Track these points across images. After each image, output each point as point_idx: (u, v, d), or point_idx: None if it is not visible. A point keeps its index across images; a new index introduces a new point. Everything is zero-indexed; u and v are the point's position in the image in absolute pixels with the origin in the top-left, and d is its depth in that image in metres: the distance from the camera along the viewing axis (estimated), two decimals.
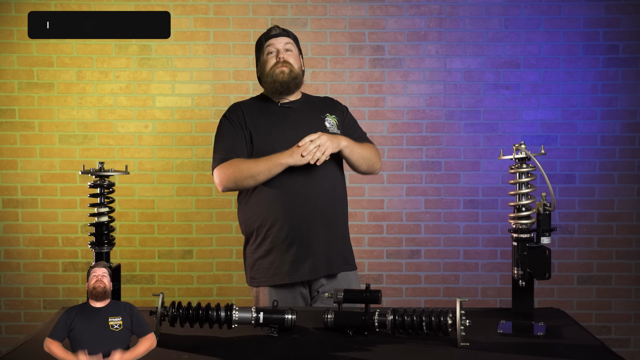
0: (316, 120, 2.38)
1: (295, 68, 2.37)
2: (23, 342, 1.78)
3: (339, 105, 2.54)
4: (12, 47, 3.51)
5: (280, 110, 2.40)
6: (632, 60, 3.55)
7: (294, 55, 2.41)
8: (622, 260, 3.58)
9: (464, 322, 1.69)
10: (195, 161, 3.57)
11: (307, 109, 2.42)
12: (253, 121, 2.35)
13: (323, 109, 2.44)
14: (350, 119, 2.52)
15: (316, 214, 2.28)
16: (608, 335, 3.55)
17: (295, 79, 2.36)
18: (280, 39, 2.40)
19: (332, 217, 2.33)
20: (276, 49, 2.38)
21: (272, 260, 2.29)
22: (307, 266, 2.28)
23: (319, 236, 2.29)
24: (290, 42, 2.42)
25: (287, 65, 2.35)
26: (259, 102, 2.45)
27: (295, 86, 2.39)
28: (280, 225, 2.27)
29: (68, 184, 3.55)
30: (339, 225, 2.37)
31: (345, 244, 2.41)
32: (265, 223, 2.29)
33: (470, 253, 3.59)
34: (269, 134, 2.33)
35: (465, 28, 3.57)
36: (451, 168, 3.58)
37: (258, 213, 2.31)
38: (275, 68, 2.35)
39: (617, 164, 3.56)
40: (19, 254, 3.56)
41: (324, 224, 2.30)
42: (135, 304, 1.60)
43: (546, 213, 1.83)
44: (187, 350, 1.69)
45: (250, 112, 2.38)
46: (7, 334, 3.55)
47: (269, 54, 2.39)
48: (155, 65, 3.55)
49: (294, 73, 2.36)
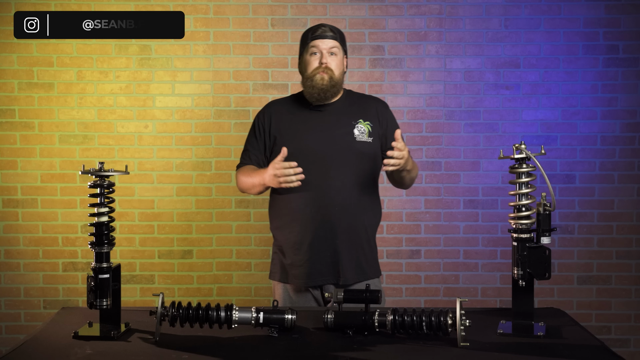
0: (344, 127, 2.32)
1: (335, 75, 2.30)
2: (23, 342, 1.79)
3: (381, 110, 2.42)
4: (12, 47, 3.51)
5: (311, 113, 2.36)
6: (632, 60, 3.55)
7: (337, 60, 2.32)
8: (622, 260, 3.58)
9: (464, 322, 1.69)
10: (195, 161, 3.57)
11: (339, 113, 2.35)
12: (279, 125, 2.35)
13: (356, 114, 2.36)
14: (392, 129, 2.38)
15: (334, 221, 2.27)
16: (608, 335, 3.55)
17: (334, 86, 2.30)
18: (326, 41, 2.30)
19: (352, 227, 2.30)
20: (320, 51, 2.30)
21: (287, 259, 2.33)
22: (316, 272, 2.28)
23: (334, 243, 2.27)
24: (336, 45, 2.32)
25: (328, 72, 2.28)
26: (294, 102, 2.41)
27: (332, 94, 2.32)
28: (295, 227, 2.29)
29: (68, 184, 3.55)
30: (359, 235, 2.32)
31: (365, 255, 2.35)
32: (284, 223, 2.32)
33: (470, 253, 3.59)
34: (292, 137, 2.31)
35: (465, 28, 3.57)
36: (451, 168, 3.58)
37: (279, 212, 2.35)
38: (316, 72, 2.29)
39: (617, 164, 3.56)
40: (19, 254, 3.56)
41: (342, 232, 2.28)
42: (135, 304, 1.60)
43: (546, 213, 1.83)
44: (187, 350, 1.69)
45: (278, 115, 2.38)
46: (7, 334, 3.55)
47: (312, 54, 2.31)
48: (155, 65, 3.55)
49: (334, 80, 2.29)
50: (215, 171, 3.57)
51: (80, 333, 1.81)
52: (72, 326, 1.87)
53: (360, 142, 2.32)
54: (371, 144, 2.35)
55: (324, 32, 2.31)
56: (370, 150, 2.35)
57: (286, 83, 3.56)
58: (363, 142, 2.32)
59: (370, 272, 2.36)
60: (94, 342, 1.77)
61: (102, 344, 1.76)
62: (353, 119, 2.35)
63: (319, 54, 2.31)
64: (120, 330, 1.84)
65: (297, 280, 2.30)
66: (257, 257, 3.58)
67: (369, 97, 2.52)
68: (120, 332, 1.83)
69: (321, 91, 2.29)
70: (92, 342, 1.77)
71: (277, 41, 3.56)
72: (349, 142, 2.31)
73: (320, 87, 2.28)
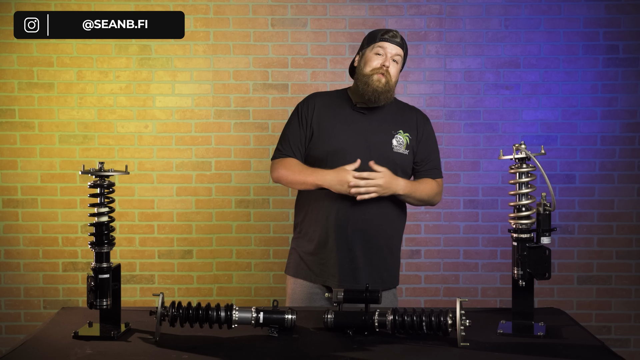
0: (384, 135, 2.30)
1: (392, 81, 2.28)
2: (23, 342, 1.78)
3: (422, 123, 2.39)
4: (12, 47, 3.51)
5: (352, 114, 2.33)
6: (632, 60, 3.55)
7: (397, 69, 2.30)
8: (622, 260, 3.58)
9: (464, 322, 1.69)
10: (195, 161, 3.57)
11: (380, 120, 2.33)
12: (320, 119, 2.32)
13: (397, 124, 2.33)
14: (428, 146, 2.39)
15: (358, 226, 2.26)
16: (608, 335, 3.55)
17: (388, 92, 2.27)
18: (393, 46, 2.28)
19: (375, 233, 2.29)
20: (385, 53, 2.27)
21: (305, 256, 2.33)
22: (330, 273, 2.28)
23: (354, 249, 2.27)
24: (401, 54, 2.30)
25: (387, 76, 2.26)
26: (338, 98, 2.38)
27: (385, 99, 2.28)
28: (319, 226, 2.29)
29: (68, 184, 3.55)
30: (381, 241, 2.31)
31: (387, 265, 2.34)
32: (306, 219, 2.34)
33: (470, 253, 3.59)
34: (330, 134, 2.29)
35: (465, 28, 3.57)
36: (451, 168, 3.58)
37: (306, 208, 2.35)
38: (375, 72, 2.26)
39: (617, 164, 3.56)
40: (19, 254, 3.56)
41: (361, 239, 2.27)
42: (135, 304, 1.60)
43: (546, 213, 1.83)
44: (187, 350, 1.69)
45: (321, 109, 2.34)
46: (7, 334, 3.55)
47: (376, 54, 2.28)
48: (155, 65, 3.55)
49: (389, 86, 2.27)
50: (215, 171, 3.57)
51: (80, 333, 1.81)
52: (72, 326, 1.87)
53: (397, 153, 2.30)
54: (407, 157, 2.33)
55: (394, 36, 2.29)
56: (405, 162, 2.33)
57: (286, 83, 3.56)
58: (399, 153, 2.31)
59: (388, 282, 2.36)
60: (94, 342, 1.77)
61: (102, 344, 1.76)
62: (394, 128, 2.33)
63: (384, 56, 2.28)
64: (120, 330, 1.84)
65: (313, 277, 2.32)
66: (257, 257, 3.58)
67: (413, 108, 2.46)
68: (120, 332, 1.83)
69: (375, 92, 2.25)
70: (92, 342, 1.77)
71: (277, 41, 3.56)
72: (385, 151, 2.29)
73: (376, 87, 2.25)
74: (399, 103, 2.44)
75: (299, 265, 2.36)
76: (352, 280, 2.27)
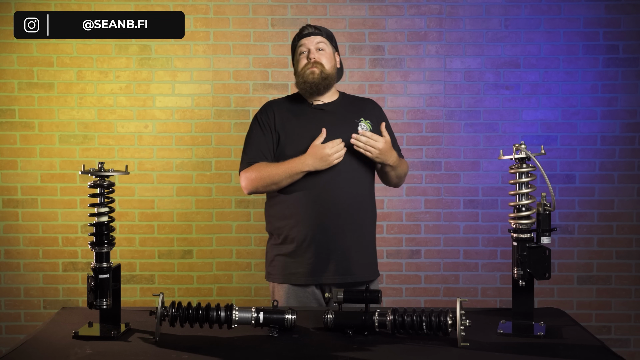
0: (348, 125, 2.34)
1: (326, 68, 2.34)
2: (23, 342, 1.78)
3: (378, 110, 2.48)
4: (12, 47, 3.51)
5: (312, 112, 2.37)
6: (632, 60, 3.55)
7: (327, 54, 2.37)
8: (622, 260, 3.58)
9: (464, 322, 1.69)
10: (195, 161, 3.57)
11: (340, 112, 2.38)
12: (283, 123, 2.34)
13: (358, 113, 2.39)
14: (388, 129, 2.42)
15: (339, 219, 2.28)
16: (608, 335, 3.55)
17: (325, 79, 2.33)
18: (312, 38, 2.36)
19: (355, 224, 2.31)
20: (307, 48, 2.35)
21: (290, 259, 2.31)
22: (323, 270, 2.28)
23: (340, 242, 2.28)
24: (323, 40, 2.37)
25: (317, 66, 2.32)
26: (293, 101, 2.43)
27: (325, 87, 2.35)
28: (301, 226, 2.28)
29: (68, 184, 3.55)
30: (362, 233, 2.34)
31: (368, 252, 2.38)
32: (288, 222, 2.31)
33: (470, 253, 3.59)
34: (298, 136, 2.32)
35: (465, 28, 3.57)
36: (451, 168, 3.58)
37: (282, 211, 2.33)
38: (305, 69, 2.33)
39: (617, 164, 3.56)
40: (19, 254, 3.56)
41: (346, 230, 2.29)
42: (135, 304, 1.60)
43: (546, 213, 1.83)
44: (187, 350, 1.69)
45: (281, 113, 2.37)
46: (7, 334, 3.55)
47: (300, 53, 2.37)
48: (155, 65, 3.55)
49: (325, 73, 2.33)
50: (215, 171, 3.57)
51: (80, 333, 1.81)
52: (72, 326, 1.87)
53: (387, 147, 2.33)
54: None
55: (308, 31, 2.38)
56: None
57: (286, 83, 3.56)
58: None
59: (376, 271, 2.40)
60: (94, 342, 1.77)
61: (102, 344, 1.76)
62: (355, 117, 2.38)
63: (307, 51, 2.35)
64: (120, 330, 1.84)
65: (302, 279, 2.30)
66: (257, 257, 3.58)
67: (363, 98, 2.58)
68: (120, 332, 1.83)
69: (313, 84, 2.32)
70: (92, 342, 1.77)
71: (277, 41, 3.56)
72: None
73: (312, 80, 2.32)
74: (350, 96, 2.51)
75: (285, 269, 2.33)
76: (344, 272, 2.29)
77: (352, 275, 2.30)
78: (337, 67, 2.43)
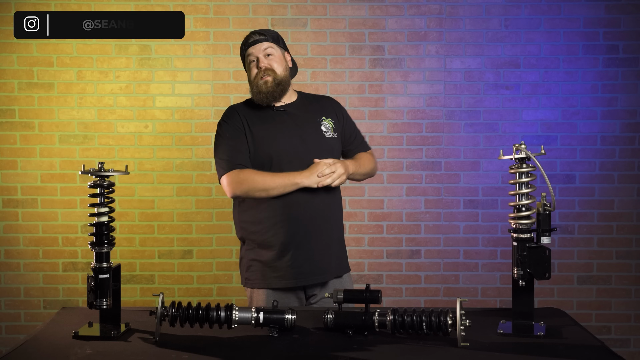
0: (313, 125, 2.35)
1: (278, 73, 2.30)
2: (23, 342, 1.78)
3: (337, 106, 2.48)
4: (12, 47, 3.51)
5: (276, 114, 2.35)
6: (632, 60, 3.55)
7: (277, 58, 2.33)
8: (622, 260, 3.58)
9: (464, 322, 1.69)
10: (195, 161, 3.57)
11: (303, 113, 2.37)
12: (250, 126, 2.32)
13: (319, 113, 2.39)
14: (350, 124, 2.48)
15: (313, 219, 2.27)
16: (608, 335, 3.55)
17: (279, 85, 2.30)
18: (258, 45, 2.31)
19: (328, 222, 2.33)
20: (256, 57, 2.31)
21: (269, 264, 2.28)
22: (302, 271, 2.27)
23: (316, 242, 2.28)
24: (270, 45, 2.33)
25: (269, 74, 2.28)
26: (255, 105, 2.38)
27: (280, 93, 2.32)
28: (277, 230, 2.26)
29: (68, 184, 3.55)
30: (335, 230, 2.37)
31: (341, 248, 2.41)
32: (263, 227, 2.28)
33: (470, 253, 3.59)
34: (267, 139, 2.29)
35: (465, 28, 3.57)
36: (451, 168, 3.58)
37: (255, 216, 2.29)
38: (258, 79, 2.29)
39: (617, 164, 3.56)
40: (19, 254, 3.56)
41: (321, 230, 2.30)
42: (135, 304, 1.60)
43: (546, 213, 1.83)
44: (187, 350, 1.69)
45: (247, 117, 2.33)
46: (7, 334, 3.55)
47: (250, 62, 2.34)
48: (155, 65, 3.55)
49: (278, 79, 2.30)
50: (214, 171, 3.56)
51: (80, 333, 1.81)
52: (72, 326, 1.87)
53: (329, 138, 2.35)
54: (337, 140, 2.40)
55: (254, 39, 2.34)
56: (338, 145, 2.40)
57: None
58: (332, 138, 2.37)
59: (346, 267, 2.42)
60: (94, 342, 1.77)
61: (102, 344, 1.76)
62: (317, 117, 2.38)
63: (256, 60, 2.32)
64: (120, 330, 1.84)
65: (283, 282, 2.27)
66: None
67: (322, 96, 2.58)
68: (120, 332, 1.83)
69: (268, 94, 2.30)
70: (92, 342, 1.77)
71: None
72: (320, 140, 2.33)
73: (266, 90, 2.29)
74: (308, 95, 2.50)
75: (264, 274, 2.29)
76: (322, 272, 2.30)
77: (330, 273, 2.32)
78: (290, 66, 2.40)
